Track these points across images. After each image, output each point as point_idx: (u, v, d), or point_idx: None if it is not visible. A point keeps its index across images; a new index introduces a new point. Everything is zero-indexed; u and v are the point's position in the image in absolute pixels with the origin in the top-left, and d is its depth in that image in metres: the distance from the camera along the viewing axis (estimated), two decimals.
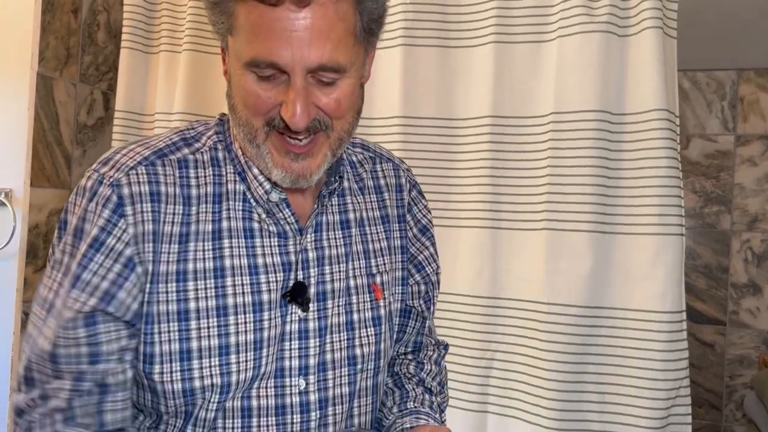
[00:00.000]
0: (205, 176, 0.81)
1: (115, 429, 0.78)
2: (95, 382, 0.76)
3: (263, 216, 0.83)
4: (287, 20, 0.69)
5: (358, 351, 0.86)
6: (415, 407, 0.92)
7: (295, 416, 0.80)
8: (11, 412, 1.86)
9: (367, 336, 0.87)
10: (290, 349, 0.81)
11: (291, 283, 0.82)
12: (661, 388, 1.50)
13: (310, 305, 0.83)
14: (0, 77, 1.85)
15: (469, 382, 1.65)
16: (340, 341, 0.85)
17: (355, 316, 0.86)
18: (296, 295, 0.81)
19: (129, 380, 0.79)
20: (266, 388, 0.80)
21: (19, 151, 1.85)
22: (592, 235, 1.55)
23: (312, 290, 0.83)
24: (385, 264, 0.92)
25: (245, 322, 0.78)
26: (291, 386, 0.81)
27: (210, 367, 0.76)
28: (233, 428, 0.78)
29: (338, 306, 0.85)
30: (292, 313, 0.81)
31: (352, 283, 0.87)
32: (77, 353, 0.74)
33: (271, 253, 0.81)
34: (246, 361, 0.78)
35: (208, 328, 0.77)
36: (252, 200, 0.82)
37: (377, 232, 0.93)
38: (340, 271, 0.86)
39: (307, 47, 0.70)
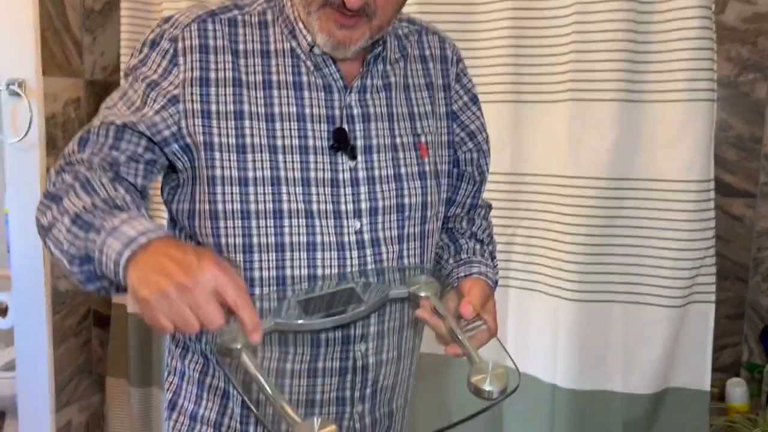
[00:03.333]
0: (252, 34, 0.94)
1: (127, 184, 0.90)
2: (105, 167, 0.89)
3: (311, 69, 0.93)
4: None
5: (406, 201, 0.97)
6: (468, 257, 1.05)
7: (353, 252, 0.93)
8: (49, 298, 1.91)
9: (414, 188, 0.98)
10: (344, 195, 0.93)
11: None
12: (687, 258, 1.48)
13: (358, 156, 0.94)
14: None
15: None
16: (389, 190, 0.96)
17: (402, 170, 0.97)
18: (339, 141, 0.92)
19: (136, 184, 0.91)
20: (327, 227, 0.92)
21: (28, 40, 1.81)
22: (618, 104, 1.49)
23: (358, 143, 0.94)
24: (429, 127, 1.02)
25: (292, 161, 0.91)
26: (348, 227, 0.93)
27: (264, 194, 0.90)
28: (299, 259, 0.92)
29: (385, 160, 0.96)
30: (343, 163, 0.93)
31: (398, 141, 0.98)
32: (102, 143, 0.90)
33: (318, 105, 0.93)
34: (296, 194, 0.91)
35: (261, 161, 0.90)
36: (302, 54, 0.93)
37: (422, 98, 1.02)
38: (384, 128, 0.97)
39: None
